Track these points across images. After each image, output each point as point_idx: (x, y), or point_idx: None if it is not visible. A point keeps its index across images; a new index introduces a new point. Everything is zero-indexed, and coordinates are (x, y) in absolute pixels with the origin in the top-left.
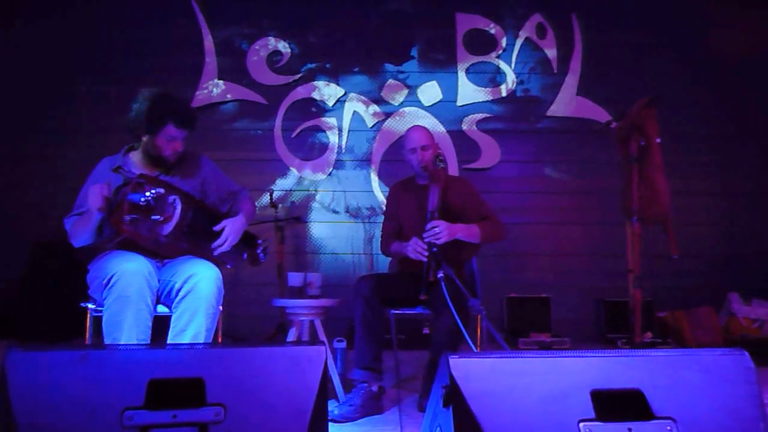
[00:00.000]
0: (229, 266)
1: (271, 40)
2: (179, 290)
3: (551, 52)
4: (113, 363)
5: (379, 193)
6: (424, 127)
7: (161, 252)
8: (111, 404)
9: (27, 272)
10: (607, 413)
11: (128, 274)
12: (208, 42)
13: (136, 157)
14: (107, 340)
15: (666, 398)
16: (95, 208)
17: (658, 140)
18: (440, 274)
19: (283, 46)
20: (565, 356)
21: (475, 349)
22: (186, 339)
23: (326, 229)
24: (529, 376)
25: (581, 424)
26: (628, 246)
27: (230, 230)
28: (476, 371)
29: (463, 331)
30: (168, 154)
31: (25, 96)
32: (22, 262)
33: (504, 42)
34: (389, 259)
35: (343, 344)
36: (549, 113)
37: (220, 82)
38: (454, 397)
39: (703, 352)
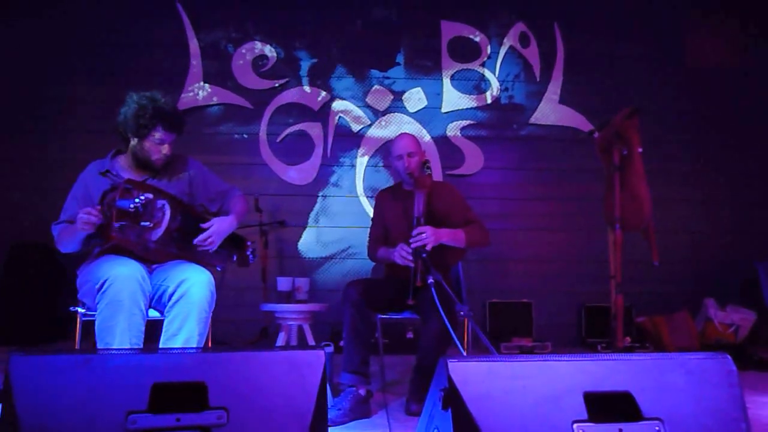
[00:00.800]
0: (219, 269)
1: (257, 44)
2: (171, 295)
3: (534, 61)
4: (117, 367)
5: (364, 199)
6: (411, 135)
7: (150, 257)
8: (115, 408)
9: (5, 274)
10: (599, 414)
11: (121, 278)
12: (194, 45)
13: (123, 161)
14: (99, 345)
15: (654, 400)
16: (84, 232)
17: (640, 150)
18: (430, 280)
19: (269, 51)
20: (559, 360)
21: (464, 353)
22: (177, 343)
23: (310, 234)
24: (525, 379)
25: (575, 425)
26: (610, 252)
27: (215, 229)
28: (474, 374)
29: (453, 335)
30: (156, 157)
31: (6, 96)
32: (1, 264)
33: (488, 50)
34: (373, 264)
35: (330, 348)
36: (532, 121)
37: (206, 85)
38: (454, 399)
39: (688, 356)
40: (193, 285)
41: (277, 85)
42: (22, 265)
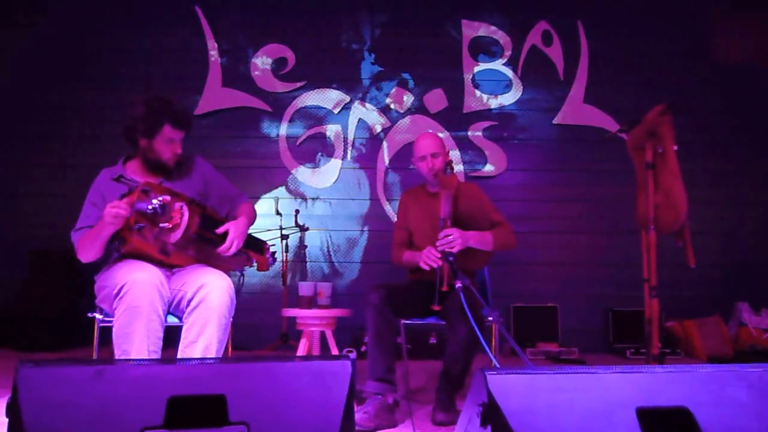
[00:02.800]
0: (239, 273)
1: (276, 48)
2: (190, 300)
3: (558, 60)
4: (131, 379)
5: (385, 202)
6: (434, 134)
7: (169, 260)
8: (128, 423)
9: (27, 281)
10: None
11: (139, 284)
12: (213, 49)
13: (135, 166)
14: (117, 352)
15: (713, 416)
16: (113, 228)
17: (675, 148)
18: (458, 284)
19: (288, 54)
20: (608, 372)
21: (494, 360)
22: (197, 351)
23: (332, 238)
24: (570, 392)
25: None
26: (644, 255)
27: (235, 233)
28: (515, 388)
29: (483, 342)
30: (168, 156)
31: (26, 103)
32: (22, 271)
33: (510, 49)
34: (396, 268)
35: (353, 355)
36: (556, 121)
37: (225, 89)
38: (493, 415)
39: (749, 368)
40: (212, 290)
41: (296, 87)
42: (44, 272)
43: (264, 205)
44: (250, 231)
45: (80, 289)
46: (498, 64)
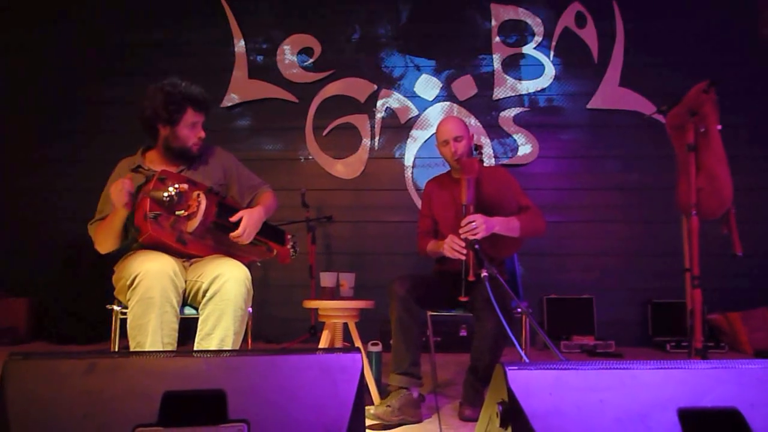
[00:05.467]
0: (258, 263)
1: (302, 38)
2: (205, 291)
3: (592, 42)
4: (124, 374)
5: (413, 191)
6: (457, 118)
7: (187, 250)
8: (121, 421)
9: (60, 276)
10: None
11: (152, 274)
12: (239, 41)
13: (154, 156)
14: (132, 344)
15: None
16: (120, 205)
17: (719, 127)
18: (484, 273)
19: (314, 43)
20: (645, 368)
21: (523, 354)
22: (213, 343)
23: (359, 229)
24: (602, 391)
25: None
26: (685, 243)
27: (248, 221)
28: (539, 385)
29: (511, 335)
30: (193, 142)
31: (61, 99)
32: (56, 266)
33: (542, 32)
34: (423, 259)
35: (379, 347)
36: (590, 105)
37: (252, 81)
38: (514, 415)
39: None
40: (228, 281)
41: (322, 77)
42: (77, 267)
43: (290, 197)
44: (272, 222)
45: (112, 284)
46: (529, 48)
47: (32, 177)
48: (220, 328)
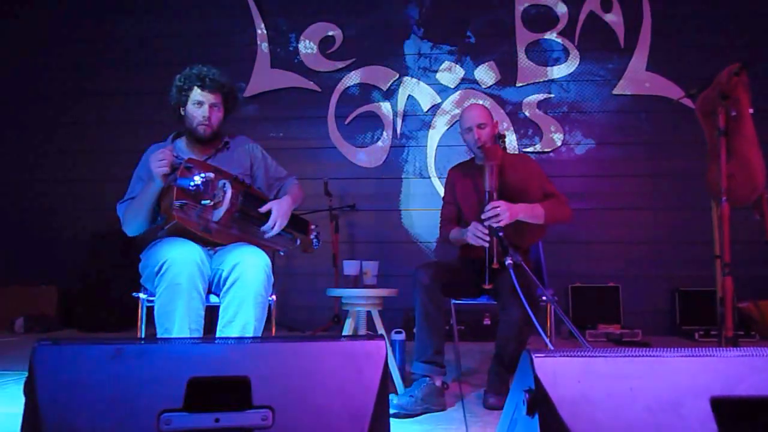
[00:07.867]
0: (282, 252)
1: (323, 26)
2: (226, 279)
3: (617, 26)
4: (150, 360)
5: (436, 180)
6: (481, 105)
7: (212, 238)
8: (147, 406)
9: (89, 264)
10: (731, 426)
11: (179, 261)
12: (261, 31)
13: (183, 143)
14: (159, 331)
15: None
16: (161, 174)
17: (751, 111)
18: (508, 261)
19: (335, 32)
20: (677, 355)
21: (548, 343)
22: (235, 330)
23: (382, 217)
24: (631, 379)
25: None
26: (715, 229)
27: (278, 212)
28: (567, 373)
29: (536, 323)
30: (198, 121)
31: (85, 90)
32: (83, 254)
33: (566, 17)
34: (447, 247)
35: (402, 336)
36: (616, 91)
37: (274, 70)
38: (541, 403)
39: None
40: (248, 268)
41: (344, 66)
42: (105, 255)
43: (313, 186)
44: (295, 211)
45: (138, 272)
46: (553, 34)
47: (57, 168)
48: (241, 316)
